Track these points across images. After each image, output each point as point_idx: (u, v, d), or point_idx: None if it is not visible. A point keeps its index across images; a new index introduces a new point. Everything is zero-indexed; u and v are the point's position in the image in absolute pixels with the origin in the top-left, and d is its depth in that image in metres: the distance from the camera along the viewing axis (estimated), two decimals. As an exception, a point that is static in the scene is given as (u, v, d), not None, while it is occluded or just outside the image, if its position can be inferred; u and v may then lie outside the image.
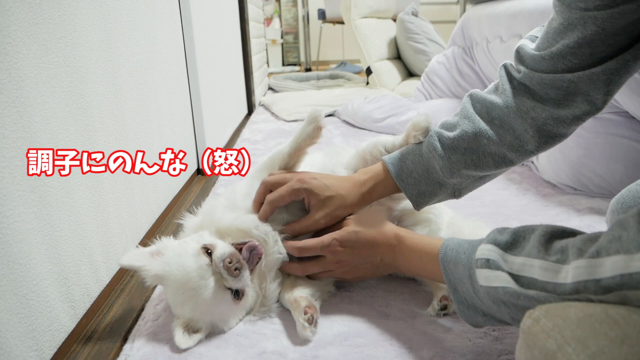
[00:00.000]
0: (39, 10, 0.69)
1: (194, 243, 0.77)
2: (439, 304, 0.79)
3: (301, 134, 0.85)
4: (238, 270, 0.73)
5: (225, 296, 0.74)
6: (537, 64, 0.73)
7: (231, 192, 0.89)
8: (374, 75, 3.43)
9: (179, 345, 0.72)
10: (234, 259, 0.73)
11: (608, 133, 1.24)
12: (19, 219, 0.62)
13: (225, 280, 0.73)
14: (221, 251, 0.74)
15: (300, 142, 0.85)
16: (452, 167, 0.79)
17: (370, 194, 0.84)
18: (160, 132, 1.23)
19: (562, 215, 1.18)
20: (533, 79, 0.74)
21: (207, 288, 0.72)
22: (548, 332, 0.44)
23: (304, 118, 0.86)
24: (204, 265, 0.73)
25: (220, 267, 0.72)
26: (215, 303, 0.73)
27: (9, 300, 0.60)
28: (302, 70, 5.97)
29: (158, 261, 0.76)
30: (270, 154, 0.90)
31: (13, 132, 0.62)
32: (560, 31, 0.69)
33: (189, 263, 0.73)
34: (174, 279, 0.73)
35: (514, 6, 1.64)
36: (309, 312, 0.75)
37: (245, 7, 2.71)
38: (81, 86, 0.80)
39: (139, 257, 0.77)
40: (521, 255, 0.57)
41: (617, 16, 0.63)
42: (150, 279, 0.76)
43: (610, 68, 0.68)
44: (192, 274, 0.72)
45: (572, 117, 0.73)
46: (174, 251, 0.76)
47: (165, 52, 1.32)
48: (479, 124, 0.77)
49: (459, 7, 4.92)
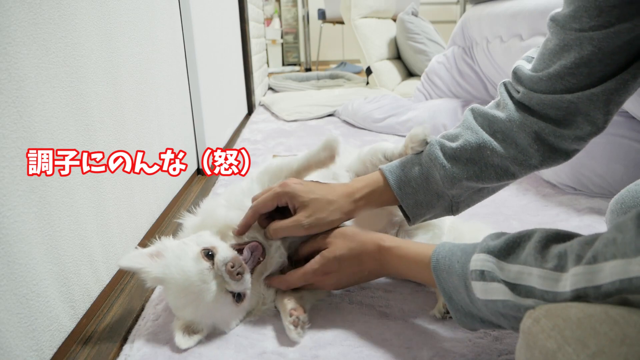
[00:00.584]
0: (39, 10, 0.69)
1: (194, 245, 0.76)
2: (445, 307, 0.78)
3: (313, 157, 0.84)
4: (240, 274, 0.72)
5: (227, 299, 0.74)
6: (535, 85, 0.73)
7: (231, 192, 0.89)
8: (374, 75, 3.43)
9: (179, 346, 0.72)
10: (236, 263, 0.72)
11: (608, 133, 1.24)
12: (19, 219, 0.62)
13: (227, 284, 0.72)
14: (223, 255, 0.73)
15: (311, 163, 0.84)
16: (453, 178, 0.77)
17: (363, 201, 0.81)
18: (160, 132, 1.23)
19: (562, 215, 1.18)
20: (532, 99, 0.73)
21: (209, 292, 0.72)
22: (548, 332, 0.44)
23: (304, 118, 0.85)
24: (205, 269, 0.72)
25: (223, 271, 0.72)
26: (217, 306, 0.73)
27: (9, 300, 0.60)
28: (302, 70, 5.97)
29: (158, 263, 0.75)
30: (277, 162, 0.88)
31: (13, 132, 0.62)
32: (556, 52, 0.69)
33: (190, 267, 0.72)
34: (174, 282, 0.73)
35: (514, 6, 1.64)
36: (294, 314, 0.75)
37: (245, 7, 2.71)
38: (81, 86, 0.80)
39: (138, 258, 0.76)
40: (517, 263, 0.56)
41: (613, 36, 0.63)
42: (150, 281, 0.75)
43: (609, 88, 0.67)
44: (193, 278, 0.71)
45: (574, 136, 0.73)
46: (174, 253, 0.75)
47: (165, 52, 1.32)
48: (482, 135, 0.76)
49: (459, 7, 4.92)
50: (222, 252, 0.73)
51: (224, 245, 0.76)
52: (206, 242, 0.76)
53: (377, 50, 3.48)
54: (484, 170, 0.77)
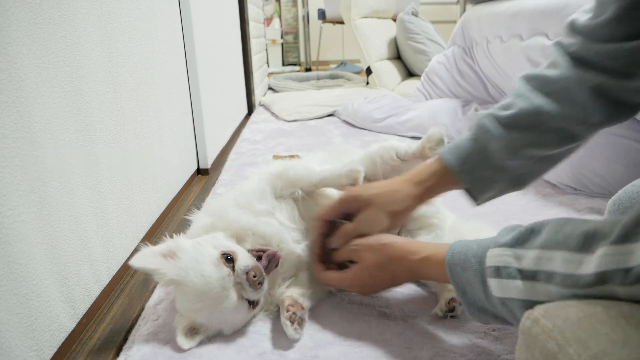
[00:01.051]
0: (39, 10, 0.69)
1: (210, 248, 0.73)
2: (447, 305, 0.77)
3: (334, 180, 0.83)
4: (260, 284, 0.71)
5: (243, 305, 0.73)
6: (592, 33, 0.68)
7: (240, 191, 0.85)
8: (374, 75, 3.43)
9: (181, 346, 0.71)
10: (257, 272, 0.71)
11: (608, 133, 1.24)
12: (19, 219, 0.62)
13: (245, 291, 0.72)
14: (244, 263, 0.72)
15: (330, 184, 0.84)
16: (512, 146, 0.73)
17: (429, 182, 0.78)
18: (160, 132, 1.23)
19: (562, 215, 1.18)
20: (590, 50, 0.69)
21: (228, 299, 0.70)
22: (548, 332, 0.43)
23: (304, 118, 0.85)
24: (226, 275, 0.70)
25: (243, 279, 0.71)
26: (233, 313, 0.73)
27: (9, 300, 0.60)
28: (302, 70, 5.96)
29: (173, 265, 0.71)
30: (295, 171, 0.85)
31: (13, 132, 0.62)
32: None
33: (210, 272, 0.70)
34: (193, 286, 0.70)
35: (514, 6, 1.64)
36: (291, 309, 0.74)
37: (245, 7, 2.71)
38: (81, 86, 0.80)
39: (152, 258, 0.72)
40: (534, 248, 0.54)
41: None
42: (164, 283, 0.73)
43: None
44: (213, 284, 0.69)
45: (637, 89, 0.67)
46: (192, 256, 0.72)
47: (165, 52, 1.32)
48: (536, 99, 0.72)
49: (459, 7, 4.91)
50: (243, 260, 0.72)
51: (243, 252, 0.74)
52: (224, 246, 0.74)
53: (377, 50, 3.48)
54: (543, 135, 0.72)
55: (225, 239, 0.77)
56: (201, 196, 1.42)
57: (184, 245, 0.74)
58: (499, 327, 0.76)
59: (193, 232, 0.82)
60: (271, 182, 0.84)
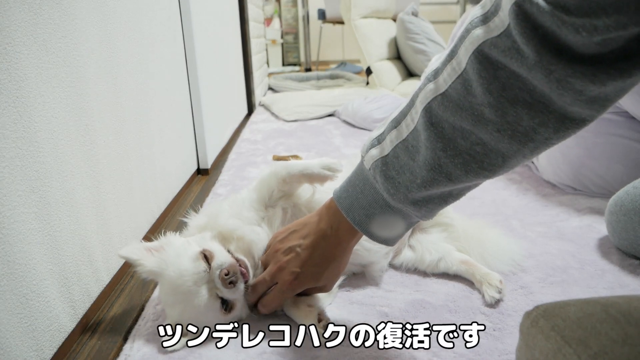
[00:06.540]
0: (39, 10, 0.69)
1: (195, 245, 0.76)
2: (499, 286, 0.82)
3: (311, 169, 0.84)
4: (233, 283, 0.72)
5: (215, 305, 0.73)
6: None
7: (234, 201, 0.88)
8: (374, 75, 3.43)
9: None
10: (232, 271, 0.72)
11: (608, 133, 1.24)
12: (19, 219, 0.62)
13: (219, 290, 0.72)
14: (220, 260, 0.72)
15: (309, 173, 0.85)
16: None
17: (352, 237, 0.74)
18: (160, 132, 1.23)
19: (562, 215, 1.18)
20: None
21: (198, 295, 0.71)
22: (547, 332, 0.43)
23: (304, 118, 0.86)
24: (201, 271, 0.72)
25: (216, 276, 0.71)
26: (204, 311, 0.72)
27: (9, 300, 0.60)
28: (302, 71, 5.96)
29: (155, 257, 0.76)
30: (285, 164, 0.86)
31: (13, 132, 0.62)
32: None
33: (187, 266, 0.72)
34: (168, 278, 0.73)
35: (514, 6, 1.64)
36: (323, 319, 0.74)
37: (245, 7, 2.71)
38: (81, 86, 0.80)
39: (137, 250, 0.77)
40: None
41: None
42: (145, 274, 0.76)
43: None
44: (186, 277, 0.71)
45: None
46: (175, 250, 0.75)
47: (165, 52, 1.32)
48: None
49: (459, 7, 4.92)
50: (220, 258, 0.73)
51: (223, 252, 0.75)
52: (207, 245, 0.76)
53: (377, 50, 3.48)
54: None
55: (211, 239, 0.79)
56: (201, 196, 1.42)
57: (174, 241, 0.78)
58: (499, 327, 0.76)
59: (189, 231, 0.85)
60: (258, 190, 0.86)
